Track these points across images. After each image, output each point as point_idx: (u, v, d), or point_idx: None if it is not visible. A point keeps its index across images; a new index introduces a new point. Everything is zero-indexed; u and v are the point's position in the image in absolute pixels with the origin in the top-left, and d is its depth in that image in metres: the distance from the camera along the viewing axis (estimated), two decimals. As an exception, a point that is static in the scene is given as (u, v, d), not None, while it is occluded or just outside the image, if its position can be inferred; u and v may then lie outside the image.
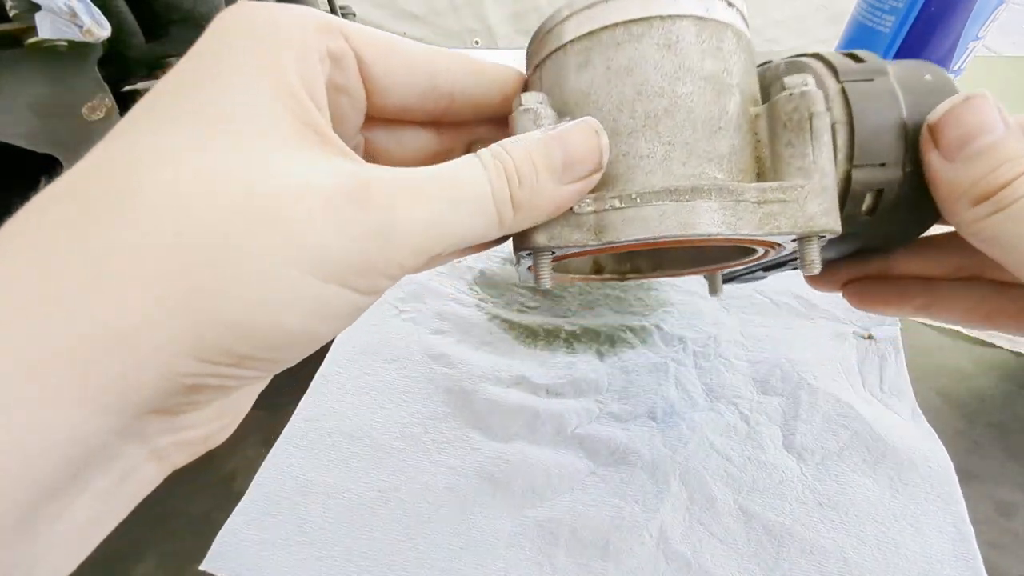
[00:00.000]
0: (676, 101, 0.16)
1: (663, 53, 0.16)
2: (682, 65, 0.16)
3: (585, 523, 0.25)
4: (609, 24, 0.16)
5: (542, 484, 0.26)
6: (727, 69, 0.17)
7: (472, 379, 0.30)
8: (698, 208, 0.15)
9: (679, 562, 0.24)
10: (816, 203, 0.16)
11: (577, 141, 0.15)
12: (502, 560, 0.24)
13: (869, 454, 0.27)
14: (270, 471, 0.26)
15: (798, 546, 0.24)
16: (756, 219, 0.16)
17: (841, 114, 0.17)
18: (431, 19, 1.58)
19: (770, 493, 0.26)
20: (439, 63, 0.17)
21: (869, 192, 0.17)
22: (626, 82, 0.16)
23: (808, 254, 0.16)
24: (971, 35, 0.33)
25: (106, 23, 0.23)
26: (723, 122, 0.16)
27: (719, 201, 0.15)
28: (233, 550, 0.23)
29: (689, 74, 0.16)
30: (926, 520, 0.24)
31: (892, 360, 0.31)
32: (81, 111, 0.24)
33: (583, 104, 0.17)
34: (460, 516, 0.25)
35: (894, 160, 0.17)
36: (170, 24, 0.27)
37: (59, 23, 0.22)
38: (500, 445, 0.28)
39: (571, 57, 0.17)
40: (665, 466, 0.27)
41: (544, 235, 0.16)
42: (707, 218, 0.15)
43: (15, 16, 0.22)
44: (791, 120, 0.16)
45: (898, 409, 0.29)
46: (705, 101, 0.16)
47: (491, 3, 1.55)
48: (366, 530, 0.24)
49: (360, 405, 0.29)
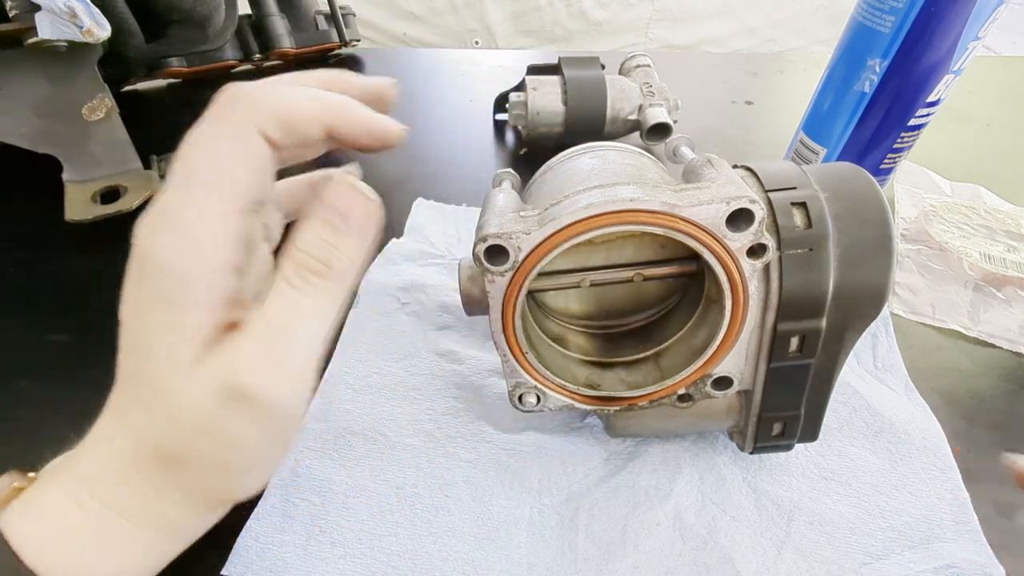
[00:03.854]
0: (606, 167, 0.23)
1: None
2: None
3: (602, 508, 0.25)
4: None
5: (558, 472, 0.27)
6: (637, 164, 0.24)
7: (481, 374, 0.31)
8: (619, 189, 0.19)
9: (695, 541, 0.24)
10: (728, 188, 0.19)
11: (350, 199, 0.19)
12: (524, 548, 0.24)
13: (868, 428, 0.28)
14: (284, 474, 0.26)
15: (807, 519, 0.25)
16: (676, 194, 0.19)
17: (775, 277, 0.20)
18: (431, 19, 1.58)
19: (777, 470, 0.27)
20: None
21: (794, 336, 0.21)
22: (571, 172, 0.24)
23: None
24: (971, 35, 0.33)
25: (106, 23, 0.23)
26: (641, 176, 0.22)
27: (638, 186, 0.19)
28: (255, 553, 0.23)
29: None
30: (924, 488, 0.26)
31: (883, 338, 0.32)
32: (81, 111, 0.23)
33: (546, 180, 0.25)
34: (479, 508, 0.25)
35: (818, 315, 0.20)
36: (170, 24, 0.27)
37: (59, 23, 0.21)
38: (513, 436, 0.28)
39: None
40: (675, 448, 0.27)
41: (495, 226, 0.19)
42: (628, 192, 0.19)
43: (15, 16, 0.21)
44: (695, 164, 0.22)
45: (892, 384, 0.30)
46: (625, 163, 0.24)
47: (491, 3, 1.55)
48: (388, 527, 0.24)
49: (371, 404, 0.29)
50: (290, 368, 0.17)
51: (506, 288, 0.20)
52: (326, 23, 0.61)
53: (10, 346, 0.32)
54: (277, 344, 0.17)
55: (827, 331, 0.21)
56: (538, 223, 0.19)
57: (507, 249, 0.19)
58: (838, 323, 0.20)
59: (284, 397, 0.17)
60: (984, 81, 0.63)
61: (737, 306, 0.20)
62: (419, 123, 0.56)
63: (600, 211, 0.18)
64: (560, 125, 0.47)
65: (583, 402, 0.24)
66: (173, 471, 0.18)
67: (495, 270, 0.20)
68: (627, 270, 0.23)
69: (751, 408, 0.24)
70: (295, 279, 0.18)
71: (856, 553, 0.24)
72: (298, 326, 0.18)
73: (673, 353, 0.24)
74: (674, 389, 0.23)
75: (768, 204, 0.20)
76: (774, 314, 0.20)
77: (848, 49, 0.38)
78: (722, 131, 0.55)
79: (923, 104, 0.37)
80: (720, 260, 0.19)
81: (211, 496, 0.19)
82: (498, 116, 0.55)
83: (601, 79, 0.46)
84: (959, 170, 0.46)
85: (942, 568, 0.23)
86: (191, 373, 0.17)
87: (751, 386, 0.23)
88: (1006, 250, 0.37)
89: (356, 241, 0.19)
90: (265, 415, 0.17)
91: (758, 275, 0.20)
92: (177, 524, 0.19)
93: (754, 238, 0.19)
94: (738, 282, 0.20)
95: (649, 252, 0.23)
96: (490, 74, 0.65)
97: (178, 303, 0.17)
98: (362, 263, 0.19)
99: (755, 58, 0.72)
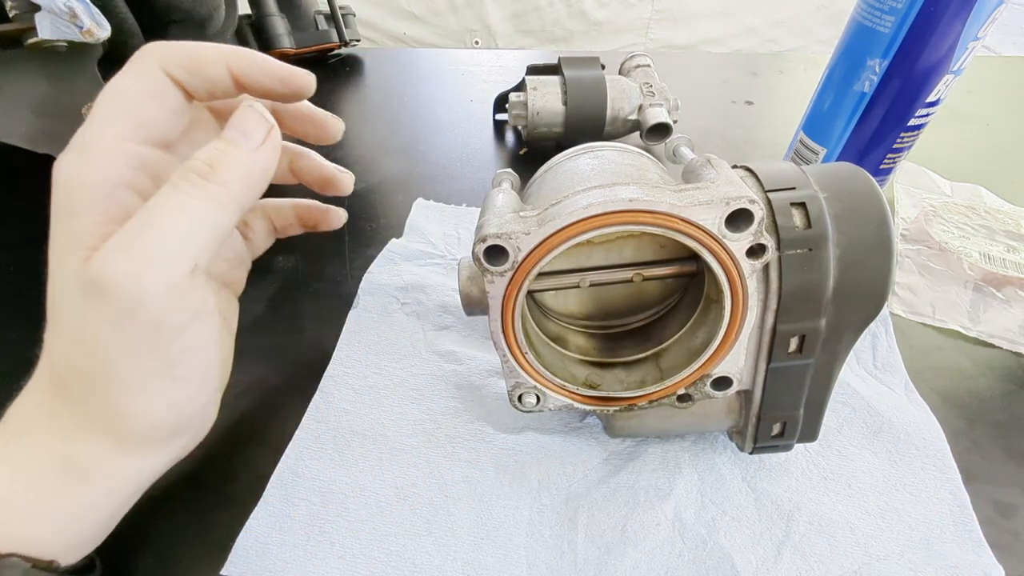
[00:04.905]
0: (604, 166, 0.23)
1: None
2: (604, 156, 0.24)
3: (602, 508, 0.25)
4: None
5: (557, 472, 0.27)
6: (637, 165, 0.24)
7: (480, 374, 0.31)
8: (619, 189, 0.19)
9: (695, 540, 0.24)
10: (727, 188, 0.19)
11: (246, 118, 0.20)
12: (523, 548, 0.24)
13: (867, 428, 0.28)
14: (284, 475, 0.26)
15: (806, 519, 0.25)
16: (675, 195, 0.19)
17: (775, 278, 0.20)
18: (431, 19, 1.58)
19: (776, 470, 0.27)
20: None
21: (794, 336, 0.21)
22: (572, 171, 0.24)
23: None
24: (971, 35, 0.33)
25: (106, 23, 0.23)
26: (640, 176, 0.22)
27: (638, 186, 0.19)
28: (255, 553, 0.23)
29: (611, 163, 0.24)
30: (924, 488, 0.26)
31: (883, 338, 0.32)
32: (81, 111, 0.23)
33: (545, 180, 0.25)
34: (479, 508, 0.25)
35: (817, 315, 0.20)
36: (170, 24, 0.27)
37: (59, 23, 0.21)
38: (513, 437, 0.28)
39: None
40: (675, 449, 0.27)
41: (494, 226, 0.19)
42: (627, 192, 0.19)
43: (15, 16, 0.21)
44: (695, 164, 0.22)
45: (891, 384, 0.30)
46: (625, 163, 0.24)
47: (491, 3, 1.55)
48: (387, 527, 0.24)
49: (371, 404, 0.29)
50: (150, 259, 0.17)
51: (506, 288, 0.20)
52: (326, 23, 0.61)
53: (10, 346, 0.32)
54: (138, 234, 0.17)
55: (827, 331, 0.21)
56: (538, 223, 0.19)
57: (507, 249, 0.19)
58: (838, 323, 0.20)
59: (142, 289, 0.17)
60: (984, 81, 0.63)
61: (736, 306, 0.20)
62: (419, 123, 0.56)
63: (600, 211, 0.19)
64: (560, 125, 0.47)
65: (583, 402, 0.24)
66: (66, 397, 0.18)
67: (495, 270, 0.20)
68: (627, 270, 0.23)
69: (751, 408, 0.24)
70: (177, 180, 0.18)
71: (856, 553, 0.24)
72: (166, 219, 0.18)
73: (673, 353, 0.24)
74: (674, 389, 0.23)
75: (767, 204, 0.20)
76: (773, 314, 0.20)
77: (848, 49, 0.38)
78: (722, 131, 0.55)
79: (923, 104, 0.37)
80: (719, 260, 0.19)
81: (105, 424, 0.19)
82: (498, 116, 0.55)
83: (601, 79, 0.46)
84: (959, 170, 0.46)
85: (942, 569, 0.23)
86: (72, 281, 0.17)
87: (750, 386, 0.23)
88: (1006, 250, 0.37)
89: (249, 155, 0.20)
90: (123, 308, 0.17)
91: (757, 275, 0.20)
92: (86, 465, 0.19)
93: (753, 238, 0.19)
94: (737, 282, 0.20)
95: (649, 252, 0.23)
96: (490, 74, 0.65)
97: (69, 212, 0.18)
98: (258, 178, 0.20)
99: (755, 58, 0.72)
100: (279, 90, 0.22)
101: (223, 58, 0.20)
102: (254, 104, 0.20)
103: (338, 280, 0.37)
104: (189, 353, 0.20)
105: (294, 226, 0.30)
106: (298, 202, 0.30)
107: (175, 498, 0.24)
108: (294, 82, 0.22)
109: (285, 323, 0.34)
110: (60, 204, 0.18)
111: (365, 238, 0.40)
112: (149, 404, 0.19)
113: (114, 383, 0.18)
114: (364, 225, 0.41)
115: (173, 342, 0.19)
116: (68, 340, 0.18)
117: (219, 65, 0.20)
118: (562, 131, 0.47)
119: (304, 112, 0.26)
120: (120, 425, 0.19)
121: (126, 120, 0.19)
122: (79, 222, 0.18)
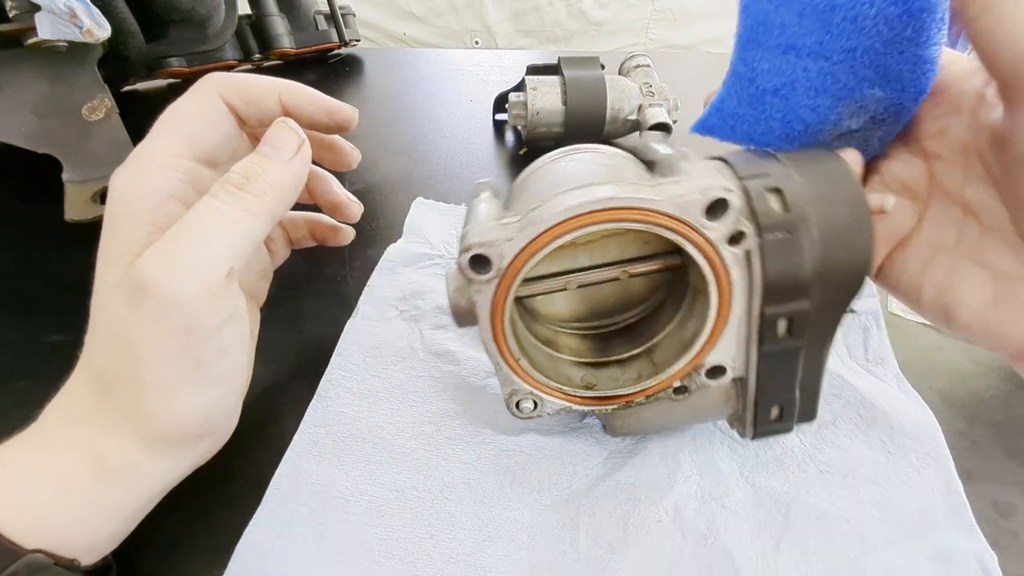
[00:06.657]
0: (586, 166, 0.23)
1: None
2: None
3: (603, 506, 0.25)
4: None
5: (557, 472, 0.27)
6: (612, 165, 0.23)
7: (479, 375, 0.31)
8: (595, 189, 0.19)
9: (695, 536, 0.24)
10: (702, 179, 0.19)
11: (279, 134, 0.21)
12: (525, 549, 0.24)
13: (861, 420, 0.28)
14: (283, 479, 0.26)
15: (804, 512, 0.25)
16: (652, 189, 0.19)
17: (757, 263, 0.20)
18: (431, 19, 1.58)
19: (773, 464, 0.27)
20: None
21: (781, 319, 0.21)
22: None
23: None
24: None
25: (106, 23, 0.23)
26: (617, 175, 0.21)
27: (615, 184, 0.19)
28: (255, 558, 0.23)
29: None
30: (918, 479, 0.26)
31: (874, 331, 0.32)
32: (81, 111, 0.23)
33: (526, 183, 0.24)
34: (480, 509, 0.25)
35: (802, 296, 0.20)
36: (170, 24, 0.27)
37: (59, 23, 0.21)
38: (513, 438, 0.28)
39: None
40: (674, 444, 0.27)
41: (476, 235, 0.19)
42: (605, 191, 0.19)
43: (15, 16, 0.21)
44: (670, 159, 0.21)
45: (883, 376, 0.30)
46: (602, 163, 0.23)
47: (491, 3, 1.56)
48: (388, 530, 0.24)
49: (370, 407, 0.29)
50: (189, 263, 0.18)
51: (493, 296, 0.20)
52: (326, 23, 0.61)
53: (10, 346, 0.32)
54: (177, 239, 0.18)
55: (813, 311, 0.21)
56: (519, 229, 0.19)
57: (490, 258, 0.19)
58: (823, 302, 0.21)
59: (181, 291, 0.18)
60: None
61: (722, 294, 0.20)
62: (419, 123, 0.56)
63: (579, 212, 0.19)
64: (560, 125, 0.47)
65: (580, 403, 0.24)
66: (102, 396, 0.19)
67: (480, 279, 0.20)
68: (612, 269, 0.23)
69: (747, 395, 0.24)
70: (216, 190, 0.20)
71: (853, 544, 0.24)
72: (204, 227, 0.19)
73: (665, 347, 0.24)
74: (669, 382, 0.23)
75: (744, 191, 0.20)
76: (759, 299, 0.20)
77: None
78: (722, 131, 0.55)
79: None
80: (701, 250, 0.20)
81: (137, 423, 0.19)
82: (498, 116, 0.55)
83: (601, 79, 0.46)
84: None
85: (937, 556, 0.23)
86: (116, 284, 0.18)
87: (745, 373, 0.23)
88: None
89: (281, 168, 0.21)
90: (161, 308, 0.18)
91: (740, 262, 0.20)
92: (115, 465, 0.19)
93: (733, 226, 0.19)
94: (721, 270, 0.20)
95: (633, 249, 0.24)
96: (490, 74, 0.65)
97: (119, 219, 0.19)
98: (289, 189, 0.21)
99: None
100: (325, 122, 0.24)
101: (276, 90, 0.22)
102: (287, 120, 0.22)
103: (338, 280, 0.37)
104: (221, 355, 0.20)
105: (307, 238, 0.31)
106: (310, 216, 0.31)
107: (176, 498, 0.24)
108: (340, 116, 0.24)
109: (285, 323, 0.34)
110: (112, 212, 0.19)
111: (365, 238, 0.40)
112: (181, 404, 0.20)
113: (149, 382, 0.19)
114: (364, 225, 0.41)
115: (207, 342, 0.19)
116: (107, 340, 0.19)
117: (272, 96, 0.22)
118: (562, 131, 0.47)
119: (325, 139, 0.27)
120: (151, 425, 0.19)
121: (181, 138, 0.21)
122: (128, 229, 0.19)
